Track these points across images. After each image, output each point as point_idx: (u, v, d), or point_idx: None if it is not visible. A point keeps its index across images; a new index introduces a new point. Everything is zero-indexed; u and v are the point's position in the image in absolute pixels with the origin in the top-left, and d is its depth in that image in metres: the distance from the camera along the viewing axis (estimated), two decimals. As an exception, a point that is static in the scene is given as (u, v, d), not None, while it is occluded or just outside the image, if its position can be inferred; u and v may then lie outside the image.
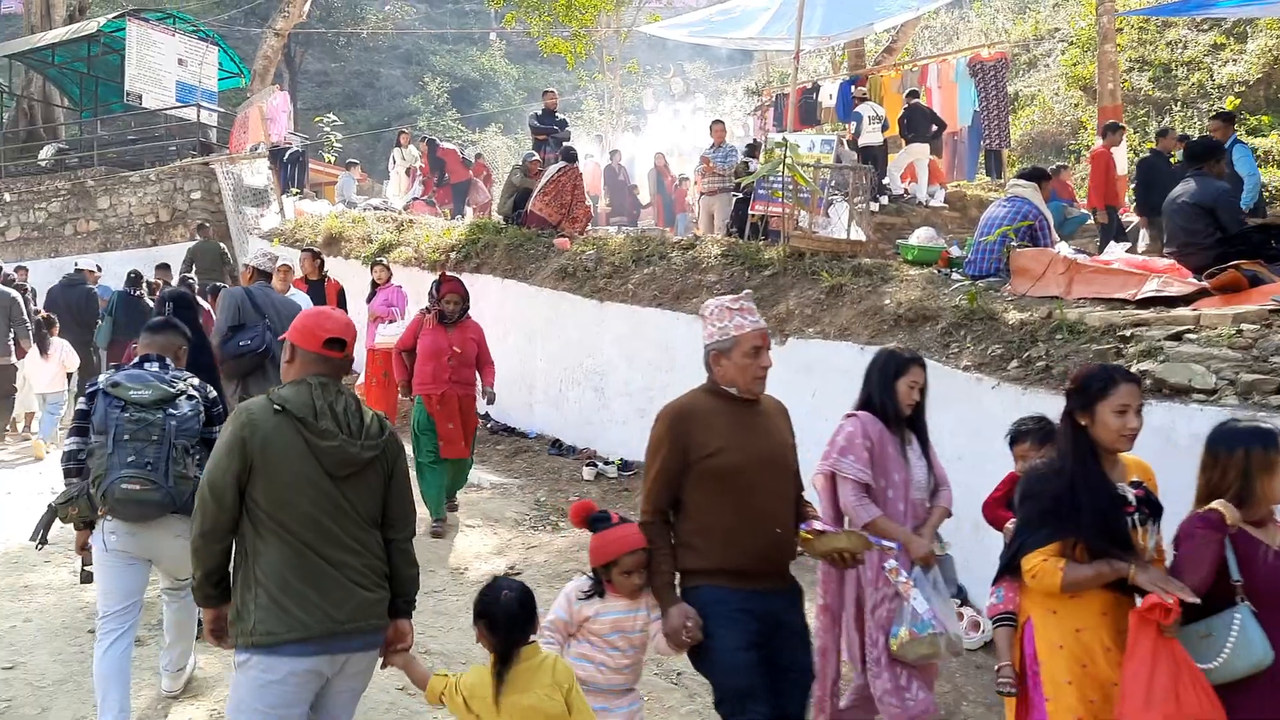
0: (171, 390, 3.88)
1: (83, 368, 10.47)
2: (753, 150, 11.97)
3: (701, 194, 13.60)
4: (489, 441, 9.66)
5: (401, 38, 38.58)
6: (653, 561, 3.22)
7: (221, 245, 13.74)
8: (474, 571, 6.31)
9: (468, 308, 7.07)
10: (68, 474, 3.93)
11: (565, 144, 12.41)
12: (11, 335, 9.84)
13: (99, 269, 13.80)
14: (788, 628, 3.24)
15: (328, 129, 16.88)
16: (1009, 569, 3.14)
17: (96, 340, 10.62)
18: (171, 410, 3.84)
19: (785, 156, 8.34)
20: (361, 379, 10.47)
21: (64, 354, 10.08)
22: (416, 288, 10.92)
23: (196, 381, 4.06)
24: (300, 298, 8.52)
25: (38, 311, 10.68)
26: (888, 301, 6.94)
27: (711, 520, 3.18)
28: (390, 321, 9.95)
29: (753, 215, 10.07)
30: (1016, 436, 4.09)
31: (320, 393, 2.91)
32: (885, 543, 3.46)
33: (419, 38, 39.10)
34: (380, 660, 3.05)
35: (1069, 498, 3.00)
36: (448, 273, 7.39)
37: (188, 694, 4.37)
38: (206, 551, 2.86)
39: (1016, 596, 3.26)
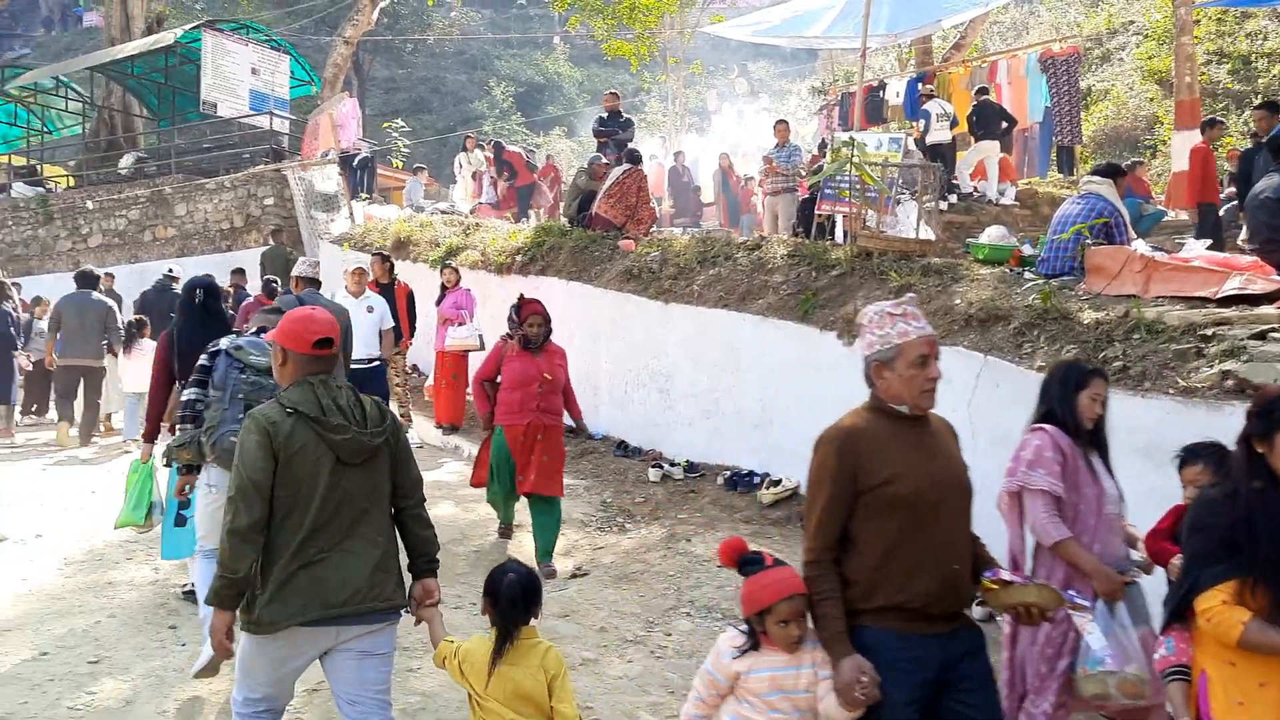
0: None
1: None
2: (821, 149, 11.90)
3: (765, 194, 13.54)
4: (555, 443, 9.72)
5: (467, 43, 39.05)
6: (820, 607, 2.83)
7: (289, 250, 14.09)
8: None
9: (551, 330, 6.55)
10: (183, 420, 4.49)
11: (628, 146, 12.41)
12: (105, 341, 10.52)
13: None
14: (969, 676, 2.85)
15: (396, 134, 17.16)
16: (1179, 614, 2.80)
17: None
18: None
19: (852, 155, 8.26)
20: (430, 381, 10.60)
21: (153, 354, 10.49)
22: (483, 290, 11.05)
23: None
24: (375, 300, 8.67)
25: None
26: (958, 301, 6.83)
27: (882, 555, 2.81)
28: (459, 324, 10.07)
29: (819, 215, 9.99)
30: (1186, 459, 3.76)
31: (323, 391, 3.11)
32: (1077, 599, 3.13)
33: (484, 43, 39.55)
34: (414, 619, 3.36)
35: (1244, 529, 2.67)
36: (526, 295, 6.77)
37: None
38: (252, 545, 2.97)
39: (1188, 646, 2.84)
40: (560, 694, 3.09)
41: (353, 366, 8.10)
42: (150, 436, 5.48)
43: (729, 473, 8.13)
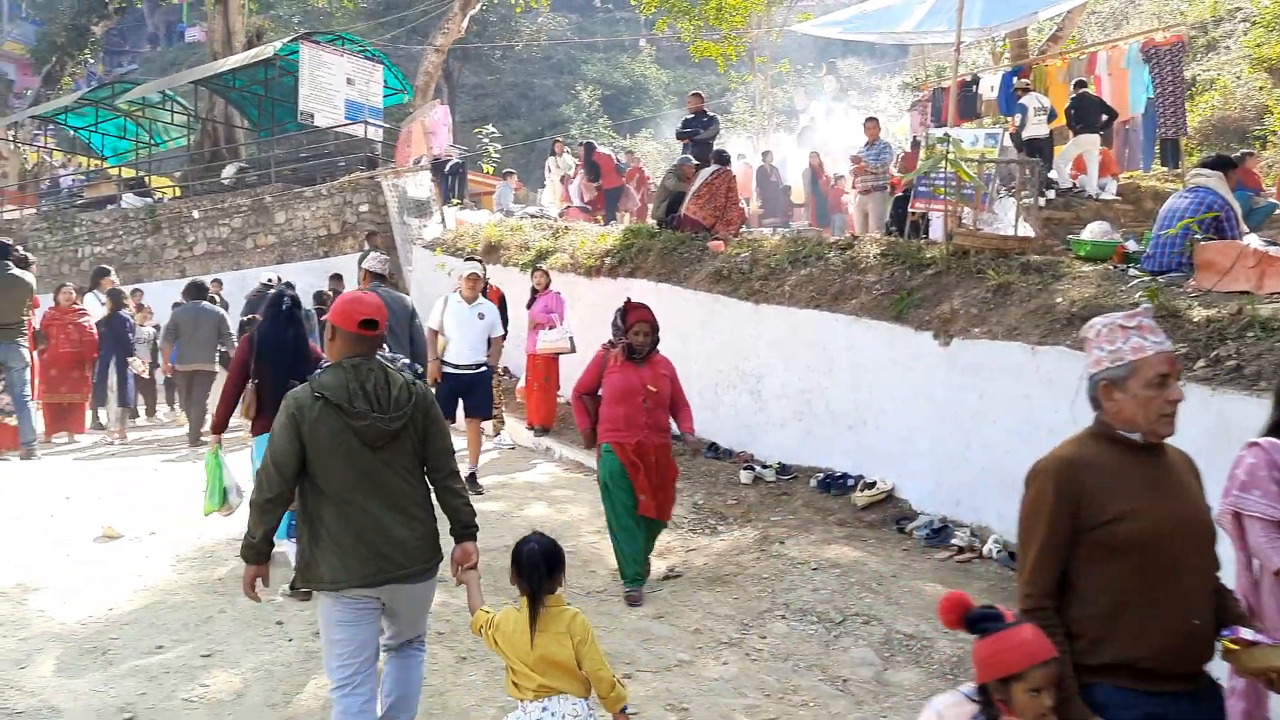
0: (388, 356, 5.05)
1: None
2: (914, 146, 11.70)
3: (857, 193, 13.37)
4: (646, 444, 9.75)
5: (554, 48, 39.45)
6: None
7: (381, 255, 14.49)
8: (635, 573, 6.36)
9: (659, 338, 6.08)
10: None
11: (717, 148, 12.38)
12: (221, 348, 11.02)
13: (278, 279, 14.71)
14: None
15: (486, 140, 17.41)
16: None
17: None
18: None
19: (948, 151, 8.10)
20: (522, 383, 10.72)
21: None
22: (572, 293, 11.13)
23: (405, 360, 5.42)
24: (487, 307, 8.52)
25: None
26: (1059, 300, 6.65)
27: (1111, 604, 2.51)
28: (550, 328, 10.16)
29: (913, 213, 9.83)
30: None
31: (354, 375, 3.47)
32: None
33: (570, 47, 39.90)
34: (454, 580, 3.74)
35: None
36: (633, 300, 6.27)
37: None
38: (271, 514, 3.48)
39: None
40: (589, 658, 3.27)
41: (459, 371, 8.24)
42: (218, 429, 5.98)
43: (822, 475, 8.05)
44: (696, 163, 11.88)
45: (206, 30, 27.58)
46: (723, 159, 11.55)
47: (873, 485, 7.54)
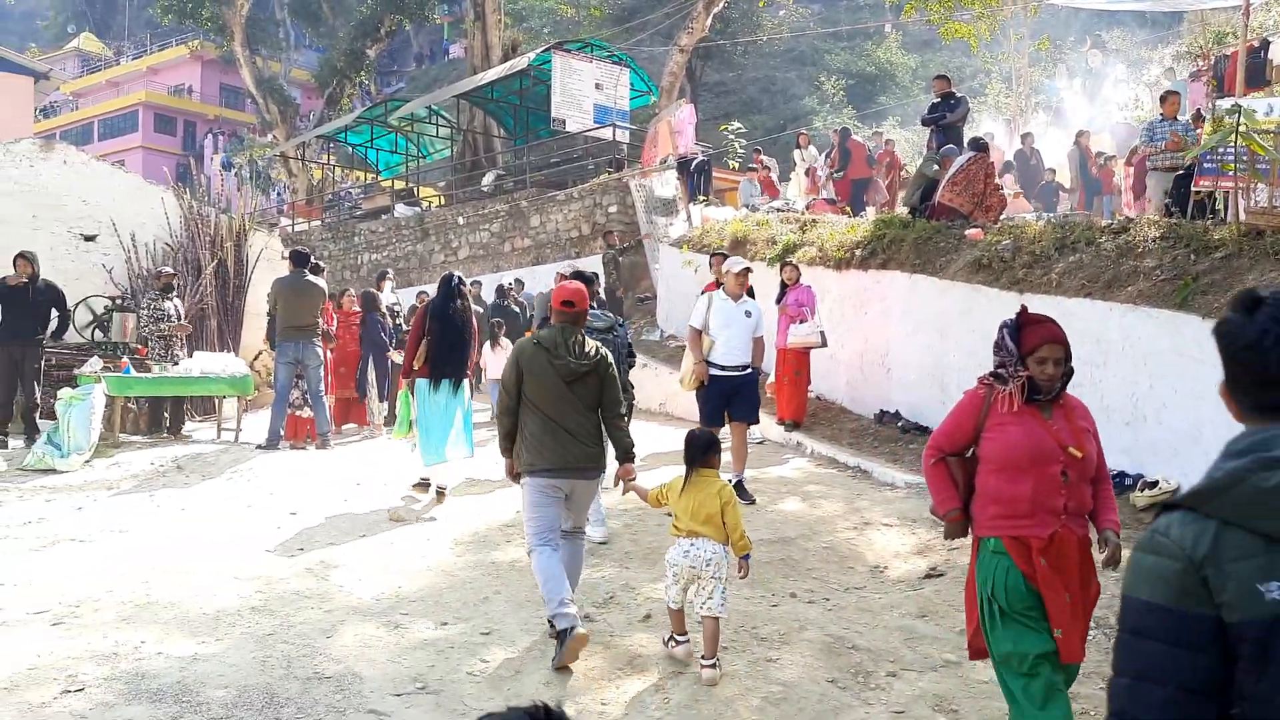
0: (612, 320, 6.75)
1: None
2: (1197, 119, 10.77)
3: (1150, 169, 12.44)
4: (900, 441, 9.50)
5: (796, 40, 39.08)
6: None
7: (618, 251, 14.97)
8: (894, 570, 6.22)
9: (1073, 369, 3.73)
10: None
11: (974, 135, 11.91)
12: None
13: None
14: None
15: (731, 136, 17.48)
16: None
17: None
18: (614, 334, 6.54)
19: (1238, 123, 7.41)
20: (772, 378, 10.70)
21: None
22: (820, 286, 10.99)
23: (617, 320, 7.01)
24: (754, 305, 8.14)
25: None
26: (1379, 281, 5.94)
27: None
28: (801, 321, 10.08)
29: (1197, 192, 9.05)
30: None
31: (561, 334, 4.97)
32: None
33: (814, 38, 39.39)
34: (620, 489, 5.35)
35: None
36: (1031, 311, 3.83)
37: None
38: (506, 422, 5.06)
39: None
40: (730, 515, 4.67)
41: (726, 373, 7.79)
42: (405, 374, 8.20)
43: (1097, 475, 7.55)
44: (956, 150, 11.49)
45: (466, 47, 29.29)
46: (979, 145, 11.10)
47: (1154, 485, 7.00)
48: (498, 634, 5.12)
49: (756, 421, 8.49)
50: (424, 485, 8.02)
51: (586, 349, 4.97)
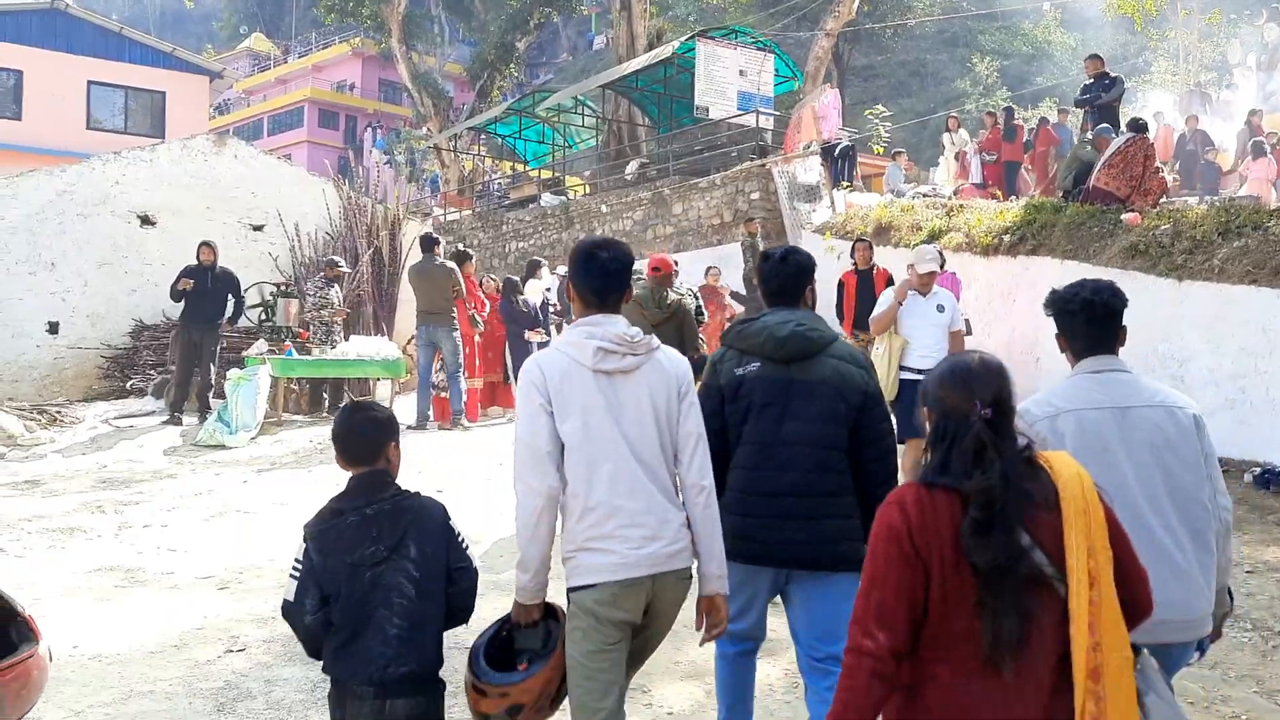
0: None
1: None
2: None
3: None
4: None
5: (949, 21, 37.96)
6: None
7: (754, 237, 14.94)
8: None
9: None
10: None
11: (1133, 116, 11.39)
12: None
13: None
14: None
15: (876, 120, 17.16)
16: None
17: None
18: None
19: None
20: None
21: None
22: (967, 273, 10.73)
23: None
24: (946, 298, 7.54)
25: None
26: None
27: None
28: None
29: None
30: None
31: (652, 288, 6.44)
32: None
33: (967, 19, 38.18)
34: None
35: None
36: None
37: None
38: None
39: None
40: None
41: (920, 377, 7.07)
42: None
43: (1259, 469, 7.19)
44: (1114, 131, 11.03)
45: (612, 37, 29.62)
46: (1138, 126, 10.59)
47: (1324, 483, 6.61)
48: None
49: None
50: None
51: (668, 300, 6.34)
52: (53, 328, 12.99)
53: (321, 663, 2.90)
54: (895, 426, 3.53)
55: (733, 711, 3.45)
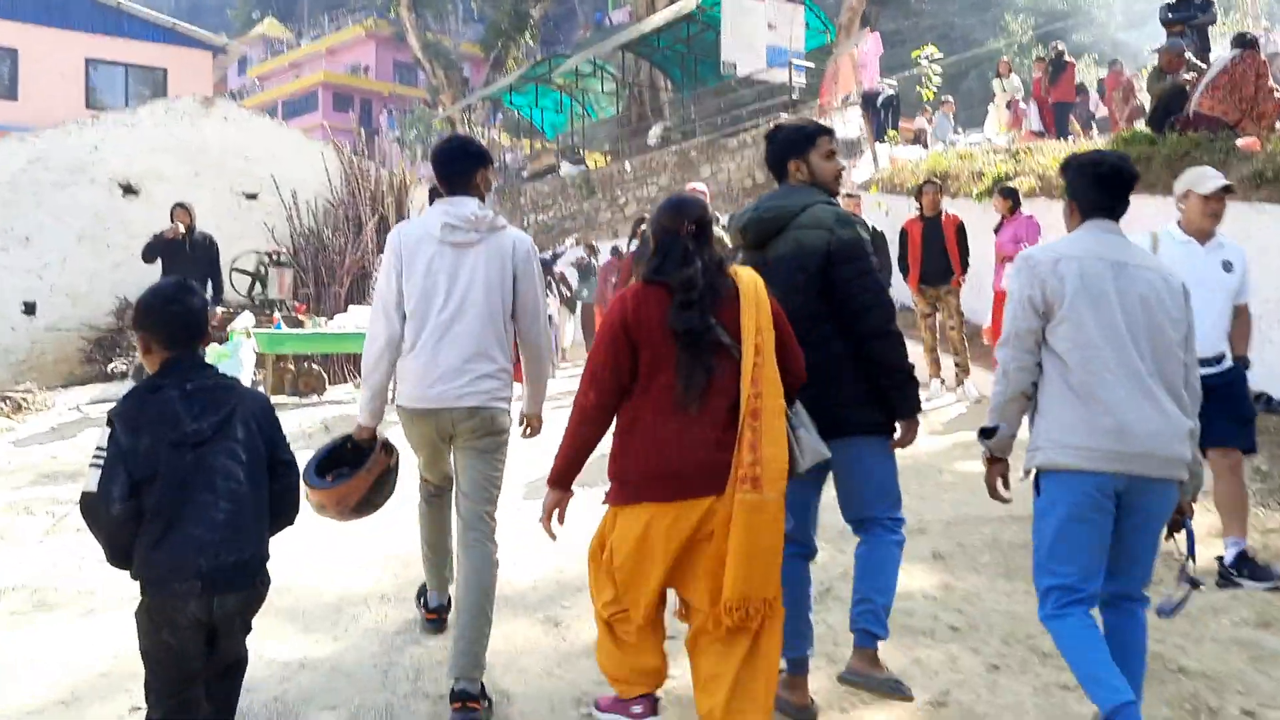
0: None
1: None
2: None
3: None
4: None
5: (980, -20, 36.36)
6: None
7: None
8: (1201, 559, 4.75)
9: None
10: None
11: (1239, 31, 9.98)
12: None
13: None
14: None
15: (927, 62, 15.71)
16: None
17: None
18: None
19: None
20: (988, 323, 9.23)
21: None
22: (1044, 219, 9.39)
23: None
24: (1234, 253, 4.89)
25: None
26: None
27: None
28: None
29: None
30: None
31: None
32: None
33: (999, -25, 36.59)
34: None
35: None
36: None
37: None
38: None
39: None
40: None
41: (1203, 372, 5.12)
42: None
43: None
44: (1182, 46, 9.71)
45: (630, 7, 28.27)
46: (1245, 42, 9.18)
47: None
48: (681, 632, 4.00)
49: (1251, 448, 4.77)
50: None
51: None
52: (29, 308, 11.92)
53: (142, 590, 2.49)
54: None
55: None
